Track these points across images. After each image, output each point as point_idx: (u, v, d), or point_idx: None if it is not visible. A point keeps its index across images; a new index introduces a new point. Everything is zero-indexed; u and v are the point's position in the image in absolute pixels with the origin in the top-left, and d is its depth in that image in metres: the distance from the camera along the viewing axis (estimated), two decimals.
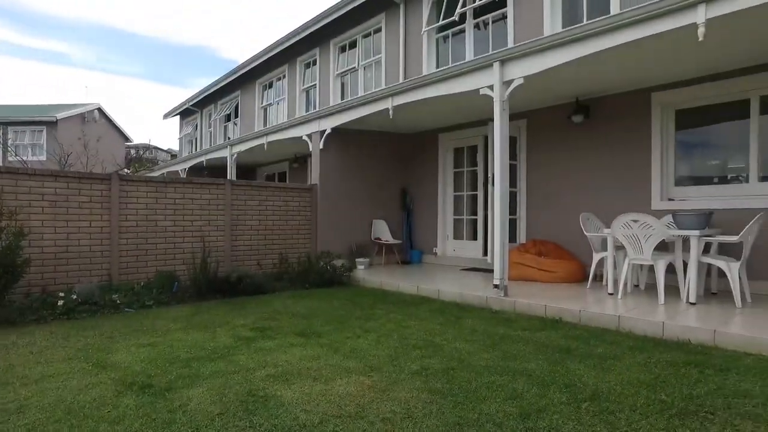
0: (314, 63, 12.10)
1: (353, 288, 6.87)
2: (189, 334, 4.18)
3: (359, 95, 8.37)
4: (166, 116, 20.37)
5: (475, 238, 8.55)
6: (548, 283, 6.21)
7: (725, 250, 5.31)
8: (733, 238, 4.59)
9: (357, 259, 8.18)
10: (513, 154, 7.59)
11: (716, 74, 5.66)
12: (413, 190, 9.40)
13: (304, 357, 3.43)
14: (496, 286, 5.39)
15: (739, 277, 4.60)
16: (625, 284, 5.14)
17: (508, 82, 5.40)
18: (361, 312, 5.11)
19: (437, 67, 9.08)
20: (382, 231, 8.87)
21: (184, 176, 12.78)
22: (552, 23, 7.23)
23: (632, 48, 4.61)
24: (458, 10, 8.31)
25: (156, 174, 15.09)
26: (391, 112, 6.93)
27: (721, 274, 5.12)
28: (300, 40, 11.81)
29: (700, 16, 3.94)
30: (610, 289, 5.32)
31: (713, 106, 5.84)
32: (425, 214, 9.20)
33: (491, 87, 5.53)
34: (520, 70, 5.27)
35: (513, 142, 7.58)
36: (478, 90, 5.71)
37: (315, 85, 11.98)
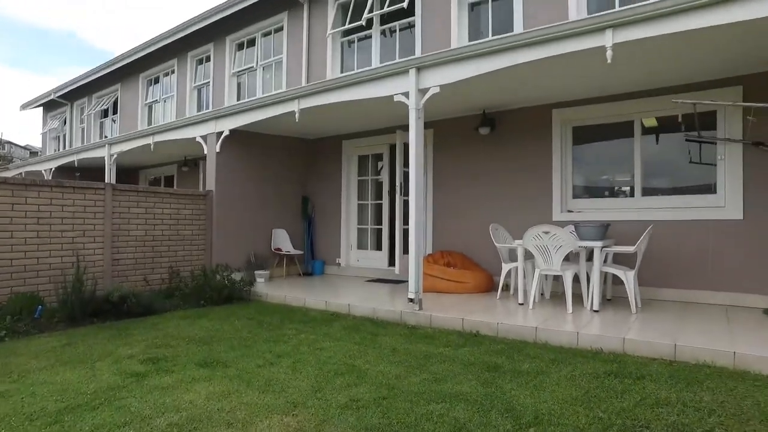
0: (208, 59, 11.20)
1: (255, 304, 6.30)
2: (59, 373, 3.40)
3: (259, 96, 7.84)
4: (24, 107, 17.65)
5: (380, 248, 8.40)
6: (458, 294, 6.22)
7: (618, 259, 5.71)
8: (630, 249, 4.91)
9: (256, 272, 7.59)
10: None
11: (608, 96, 6.11)
12: (315, 198, 9.02)
13: (213, 395, 2.92)
14: (411, 300, 5.23)
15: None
16: (531, 293, 5.28)
17: (424, 90, 5.30)
18: (269, 333, 4.63)
19: (342, 71, 8.83)
20: (283, 241, 8.37)
21: (50, 177, 11.06)
22: (459, 37, 7.35)
23: (545, 64, 4.76)
24: (366, 16, 8.15)
25: (11, 174, 12.90)
26: (297, 115, 6.52)
27: (616, 281, 5.50)
28: (192, 33, 10.86)
29: (608, 40, 4.15)
30: (520, 299, 5.43)
31: (605, 125, 6.29)
32: (328, 223, 8.86)
33: (406, 94, 5.39)
34: (436, 79, 5.20)
35: None
36: (392, 96, 5.55)
37: (208, 83, 11.07)
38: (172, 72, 12.11)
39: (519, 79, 5.47)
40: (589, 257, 5.18)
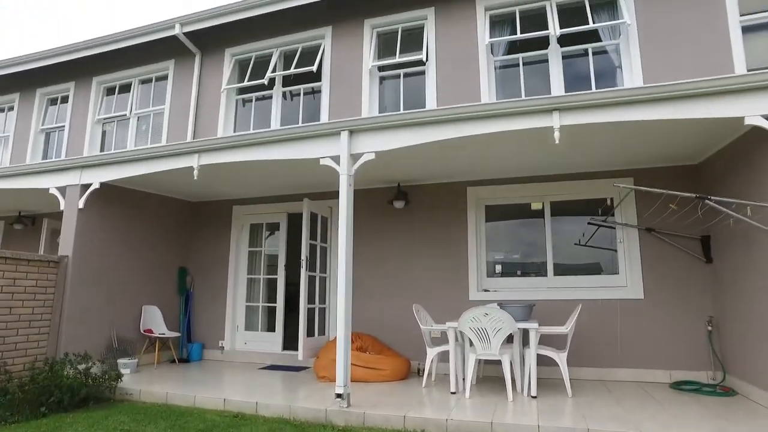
0: (65, 100, 9.46)
1: (126, 407, 4.82)
2: None
3: (133, 149, 6.60)
4: None
5: (273, 329, 7.36)
6: (377, 384, 5.53)
7: (542, 340, 5.65)
8: (563, 329, 4.86)
9: (120, 360, 6.03)
10: (323, 236, 7.01)
11: (522, 177, 6.34)
12: (196, 270, 7.74)
13: None
14: (338, 396, 4.42)
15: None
16: (467, 380, 4.87)
17: (357, 156, 4.88)
18: None
19: (235, 130, 8.05)
20: (155, 321, 6.88)
21: None
22: (370, 108, 7.22)
23: (494, 138, 4.73)
24: (269, 75, 7.64)
25: None
26: (196, 171, 5.57)
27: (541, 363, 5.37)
28: (45, 67, 9.16)
29: (555, 121, 4.24)
30: (452, 387, 4.97)
31: (518, 205, 6.48)
32: (210, 300, 7.59)
33: (336, 158, 4.91)
34: (372, 144, 4.82)
35: (323, 222, 7.04)
36: (318, 159, 5.03)
37: (63, 126, 9.27)
38: (11, 108, 9.97)
39: (461, 150, 5.32)
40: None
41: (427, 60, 7.01)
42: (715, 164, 5.27)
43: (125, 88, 9.01)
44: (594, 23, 6.32)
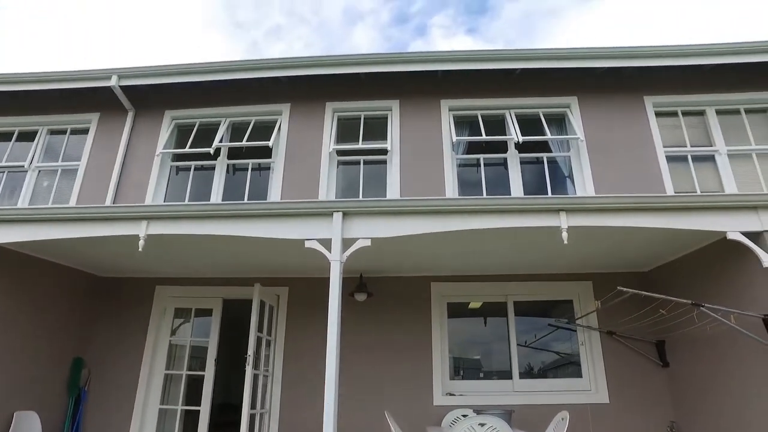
0: None
1: None
2: None
3: (41, 206, 5.35)
4: None
5: None
6: None
7: None
8: None
9: None
10: (269, 328, 6.18)
11: (486, 275, 6.28)
12: (97, 362, 6.24)
13: None
14: None
15: None
16: None
17: (350, 241, 4.44)
18: None
19: (165, 198, 7.09)
20: None
21: None
22: (327, 192, 6.86)
23: (488, 233, 4.62)
24: (215, 144, 6.99)
25: None
26: (142, 242, 4.62)
27: None
28: None
29: (563, 222, 4.29)
30: None
31: (483, 304, 6.35)
32: (112, 401, 6.07)
33: (326, 242, 4.42)
34: (369, 230, 4.45)
35: (270, 313, 6.26)
36: (302, 241, 4.48)
37: None
38: None
39: (445, 246, 5.11)
40: None
41: (390, 150, 6.98)
42: (663, 272, 5.73)
43: (28, 136, 7.61)
44: (549, 135, 6.87)
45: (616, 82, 7.08)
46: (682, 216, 4.29)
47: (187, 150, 7.12)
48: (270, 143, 6.93)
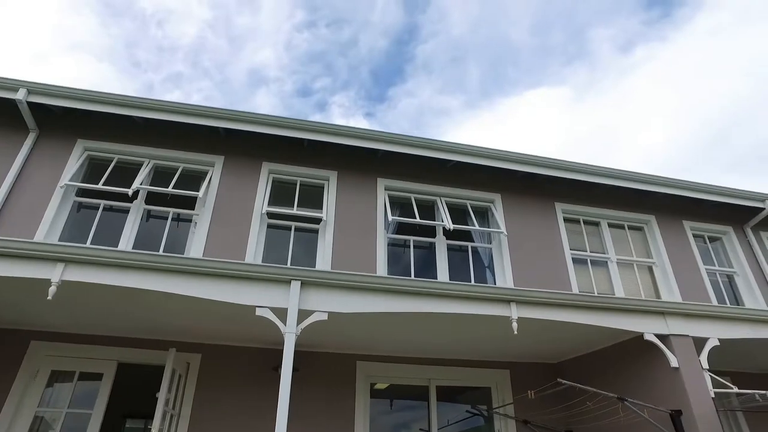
0: None
1: None
2: None
3: None
4: None
5: None
6: None
7: None
8: None
9: None
10: (174, 399, 5.40)
11: (407, 357, 6.26)
12: None
13: None
14: None
15: None
16: None
17: (307, 312, 4.20)
18: None
19: (62, 237, 6.09)
20: None
21: None
22: (255, 254, 6.48)
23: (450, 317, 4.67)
24: (135, 185, 6.31)
25: None
26: (54, 288, 3.89)
27: None
28: None
29: (513, 312, 4.52)
30: None
31: (406, 387, 6.25)
32: None
33: (280, 312, 4.14)
34: (327, 303, 4.27)
35: (177, 382, 5.51)
36: (254, 308, 4.14)
37: None
38: None
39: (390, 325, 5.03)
40: None
41: (325, 220, 6.89)
42: (572, 365, 6.24)
43: None
44: (477, 226, 7.35)
45: (534, 186, 7.94)
46: (610, 315, 4.80)
47: (100, 187, 6.31)
48: (200, 194, 6.45)
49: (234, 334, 5.46)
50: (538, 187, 7.96)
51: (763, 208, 8.35)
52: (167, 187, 6.47)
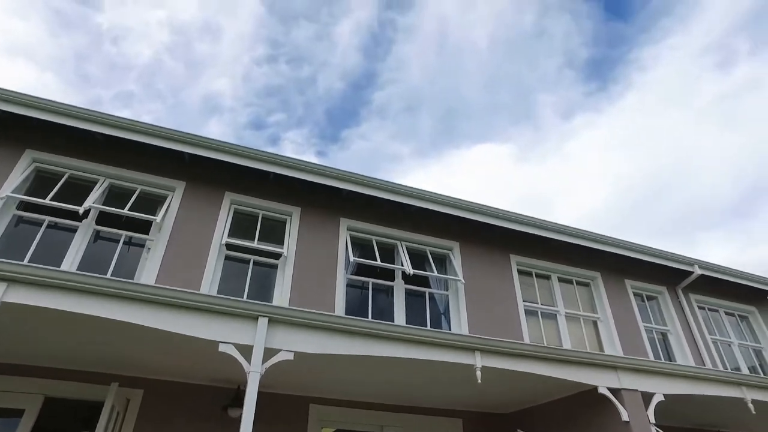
0: None
1: None
2: None
3: None
4: None
5: None
6: None
7: None
8: None
9: None
10: None
11: (360, 402, 6.08)
12: None
13: None
14: None
15: None
16: None
17: (273, 351, 4.03)
18: None
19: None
20: None
21: None
22: (211, 284, 6.22)
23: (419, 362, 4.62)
24: (87, 204, 5.94)
25: None
26: None
27: None
28: None
29: (478, 361, 4.55)
30: None
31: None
32: None
33: (245, 348, 3.95)
34: (295, 343, 4.13)
35: (116, 420, 5.07)
36: (217, 343, 3.92)
37: None
38: None
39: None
40: None
41: (285, 256, 6.74)
42: (523, 415, 6.31)
43: None
44: (436, 272, 7.44)
45: (491, 237, 8.18)
46: (569, 368, 4.94)
47: (46, 202, 5.88)
48: (158, 219, 6.16)
49: (183, 370, 5.13)
50: (496, 238, 8.21)
51: (692, 272, 9.03)
52: (123, 209, 6.14)
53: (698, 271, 8.94)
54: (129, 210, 6.16)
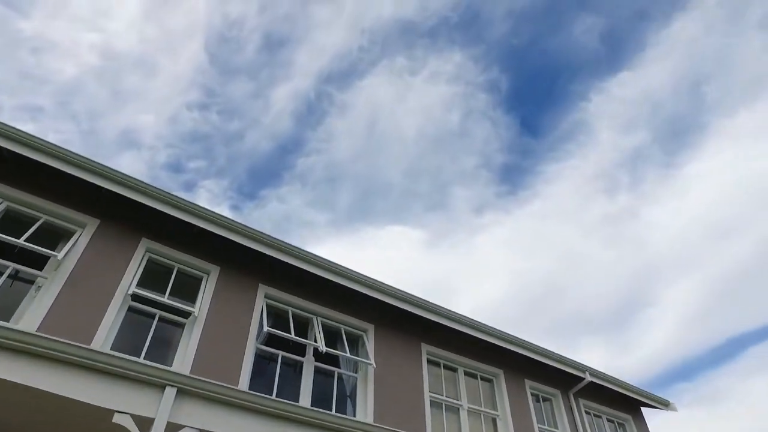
0: None
1: None
2: None
3: None
4: None
5: None
6: None
7: None
8: None
9: None
10: None
11: None
12: None
13: None
14: None
15: None
16: None
17: (176, 427, 3.63)
18: None
19: None
20: None
21: None
22: (106, 338, 5.58)
23: None
24: None
25: None
26: None
27: None
28: None
29: None
30: None
31: None
32: None
33: (145, 422, 3.53)
34: (206, 418, 3.74)
35: None
36: (111, 412, 3.48)
37: None
38: None
39: None
40: None
41: (196, 317, 6.29)
42: None
43: None
44: (348, 353, 7.27)
45: (406, 323, 8.24)
46: None
47: None
48: (59, 256, 5.54)
49: None
50: (410, 325, 8.27)
51: (584, 378, 9.63)
52: (18, 238, 5.47)
53: (588, 378, 9.55)
54: (27, 240, 5.50)
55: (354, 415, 6.93)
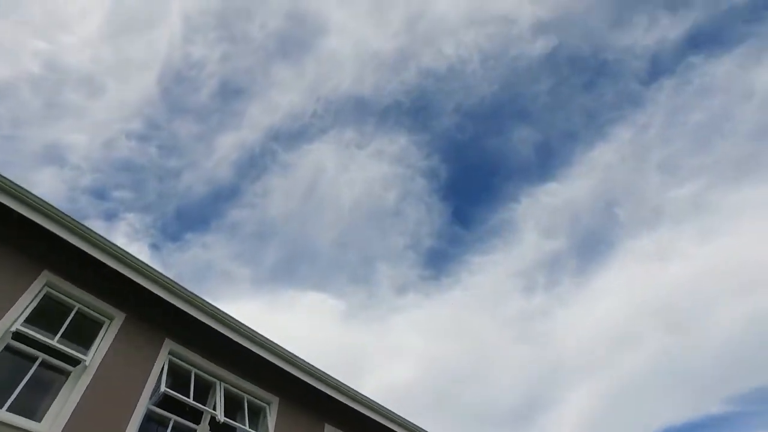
0: None
1: None
2: None
3: None
4: None
5: None
6: None
7: None
8: None
9: None
10: None
11: None
12: None
13: None
14: None
15: None
16: None
17: None
18: None
19: None
20: None
21: None
22: None
23: None
24: None
25: None
26: None
27: None
28: None
29: None
30: None
31: None
32: None
33: None
34: None
35: None
36: None
37: None
38: None
39: None
40: None
41: (87, 365, 5.64)
42: None
43: None
44: (248, 426, 6.78)
45: (311, 400, 7.86)
46: None
47: None
48: None
49: None
50: (315, 401, 7.92)
51: None
52: None
53: None
54: None
55: None
